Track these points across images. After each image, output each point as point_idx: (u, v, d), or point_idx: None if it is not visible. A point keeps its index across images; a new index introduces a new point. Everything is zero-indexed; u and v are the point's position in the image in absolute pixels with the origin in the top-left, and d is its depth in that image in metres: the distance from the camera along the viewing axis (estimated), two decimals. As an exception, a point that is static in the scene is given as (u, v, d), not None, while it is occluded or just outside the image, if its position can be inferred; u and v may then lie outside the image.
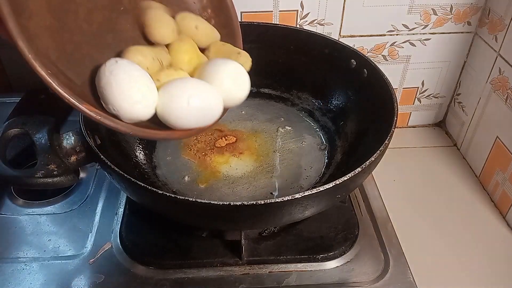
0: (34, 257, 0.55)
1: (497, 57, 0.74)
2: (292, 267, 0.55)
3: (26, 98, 0.74)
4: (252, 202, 0.43)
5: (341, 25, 0.78)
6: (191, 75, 0.46)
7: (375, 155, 0.48)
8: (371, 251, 0.57)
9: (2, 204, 0.62)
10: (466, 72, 0.84)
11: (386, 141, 0.50)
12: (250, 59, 0.51)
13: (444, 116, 0.92)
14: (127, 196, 0.61)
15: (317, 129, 0.69)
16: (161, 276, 0.53)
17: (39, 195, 0.62)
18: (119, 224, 0.59)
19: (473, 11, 0.77)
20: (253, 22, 0.72)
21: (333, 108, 0.69)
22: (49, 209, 0.61)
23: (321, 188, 0.44)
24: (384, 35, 0.80)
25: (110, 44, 0.43)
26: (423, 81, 0.86)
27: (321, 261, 0.55)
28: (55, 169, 0.48)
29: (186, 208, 0.46)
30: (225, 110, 0.46)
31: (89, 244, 0.57)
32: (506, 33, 0.71)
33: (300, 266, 0.55)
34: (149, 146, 0.65)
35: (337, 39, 0.74)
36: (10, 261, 0.55)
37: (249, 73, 0.46)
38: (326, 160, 0.65)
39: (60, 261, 0.55)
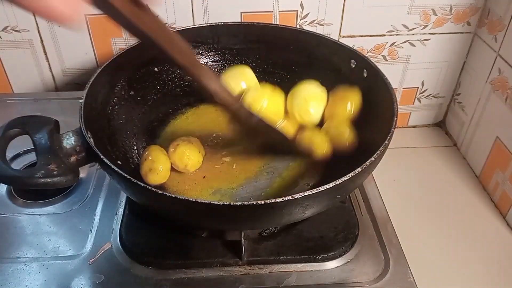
0: (34, 257, 0.55)
1: (496, 57, 0.74)
2: (292, 267, 0.55)
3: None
4: (252, 202, 0.43)
5: (341, 25, 0.78)
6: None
7: (375, 155, 0.48)
8: (371, 251, 0.57)
9: (2, 204, 0.62)
10: (466, 72, 0.84)
11: (386, 141, 0.50)
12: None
13: (444, 116, 0.92)
14: (127, 196, 0.61)
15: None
16: (161, 276, 0.53)
17: (39, 195, 0.62)
18: (119, 224, 0.59)
19: (473, 11, 0.77)
20: (253, 22, 0.72)
21: (333, 108, 0.69)
22: (49, 209, 0.61)
23: (321, 188, 0.44)
24: (384, 35, 0.80)
25: None
26: (423, 81, 0.86)
27: (321, 261, 0.55)
28: (55, 169, 0.48)
29: (186, 208, 0.46)
30: None
31: (89, 244, 0.57)
32: (505, 33, 0.71)
33: (300, 266, 0.55)
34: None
35: (337, 39, 0.74)
36: (10, 261, 0.55)
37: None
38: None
39: (60, 261, 0.55)
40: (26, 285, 0.52)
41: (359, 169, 0.46)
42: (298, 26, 0.78)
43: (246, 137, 0.63)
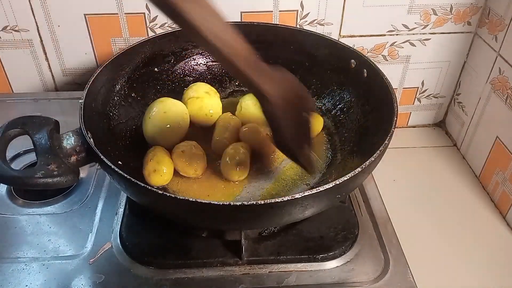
0: (34, 257, 0.55)
1: (497, 57, 0.74)
2: (292, 267, 0.55)
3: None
4: (252, 202, 0.43)
5: (341, 25, 0.78)
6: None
7: (375, 155, 0.48)
8: (371, 251, 0.57)
9: (2, 204, 0.62)
10: (466, 72, 0.84)
11: (386, 141, 0.50)
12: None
13: (444, 116, 0.92)
14: (127, 196, 0.61)
15: (317, 129, 0.69)
16: (161, 276, 0.53)
17: (39, 195, 0.62)
18: (119, 224, 0.59)
19: (473, 11, 0.77)
20: (253, 22, 0.73)
21: (333, 108, 0.69)
22: (49, 209, 0.61)
23: (321, 188, 0.44)
24: (384, 35, 0.80)
25: None
26: (423, 81, 0.86)
27: (321, 261, 0.55)
28: (55, 169, 0.48)
29: (186, 208, 0.46)
30: None
31: (89, 244, 0.57)
32: (506, 33, 0.71)
33: (300, 266, 0.55)
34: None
35: (337, 39, 0.74)
36: (10, 261, 0.55)
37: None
38: (326, 160, 0.65)
39: (60, 261, 0.55)
40: (26, 285, 0.52)
41: (359, 169, 0.46)
42: (298, 26, 0.78)
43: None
